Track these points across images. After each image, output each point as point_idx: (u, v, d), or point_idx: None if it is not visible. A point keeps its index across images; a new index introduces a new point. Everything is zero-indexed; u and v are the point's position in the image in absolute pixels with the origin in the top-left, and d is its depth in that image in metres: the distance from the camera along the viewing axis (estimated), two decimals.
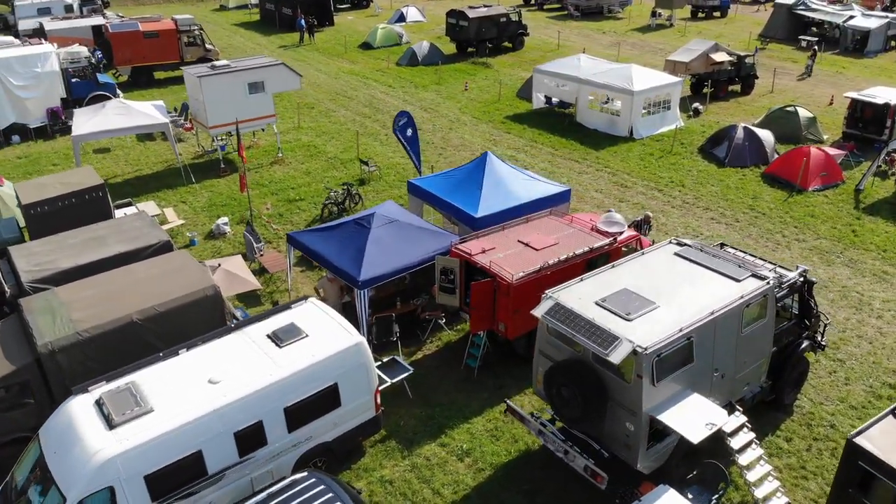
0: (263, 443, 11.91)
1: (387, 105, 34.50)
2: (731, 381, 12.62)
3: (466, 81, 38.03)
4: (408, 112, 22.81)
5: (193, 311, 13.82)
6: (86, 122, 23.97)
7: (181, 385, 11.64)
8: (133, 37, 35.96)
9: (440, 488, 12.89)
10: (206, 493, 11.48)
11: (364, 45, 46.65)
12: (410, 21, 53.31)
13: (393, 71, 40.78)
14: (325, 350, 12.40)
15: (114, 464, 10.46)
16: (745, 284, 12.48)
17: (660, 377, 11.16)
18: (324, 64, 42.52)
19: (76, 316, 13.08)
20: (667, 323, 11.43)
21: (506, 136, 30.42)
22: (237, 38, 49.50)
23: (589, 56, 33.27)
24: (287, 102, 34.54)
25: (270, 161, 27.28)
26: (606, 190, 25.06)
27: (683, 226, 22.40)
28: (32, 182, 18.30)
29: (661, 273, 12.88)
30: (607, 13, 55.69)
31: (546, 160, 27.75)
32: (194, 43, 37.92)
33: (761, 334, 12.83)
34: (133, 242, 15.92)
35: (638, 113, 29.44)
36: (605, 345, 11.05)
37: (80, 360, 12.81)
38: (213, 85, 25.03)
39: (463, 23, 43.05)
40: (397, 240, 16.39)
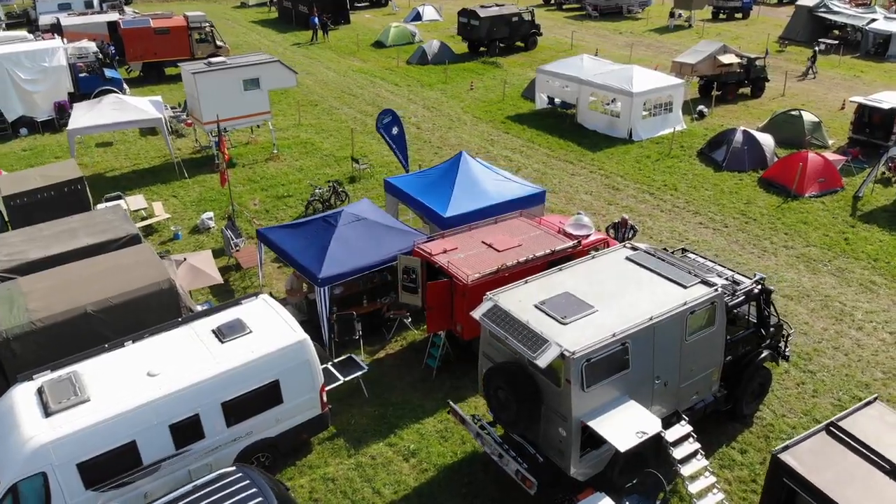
0: (201, 436, 12.03)
1: (390, 103, 34.55)
2: (675, 389, 12.40)
3: (472, 81, 37.93)
4: (392, 110, 22.85)
5: (148, 304, 14.02)
6: (82, 115, 24.48)
7: (121, 376, 11.82)
8: (144, 33, 36.59)
9: (381, 488, 12.89)
10: (142, 484, 11.64)
11: (377, 44, 46.82)
12: (426, 20, 53.35)
13: (402, 70, 40.86)
14: (266, 347, 12.48)
15: (46, 450, 10.67)
16: (691, 291, 12.24)
17: (591, 383, 11.01)
18: (334, 62, 42.78)
19: (32, 305, 13.37)
20: (602, 327, 11.27)
21: (504, 136, 30.29)
22: (253, 35, 50.06)
23: (592, 56, 32.94)
24: (291, 99, 34.84)
25: (266, 157, 27.54)
26: (597, 192, 24.79)
27: (669, 230, 22.06)
28: (15, 174, 18.78)
29: (607, 277, 12.71)
30: (626, 13, 55.07)
31: (541, 161, 27.56)
32: (205, 40, 38.45)
33: (710, 343, 12.58)
34: (102, 235, 16.21)
35: (638, 114, 29.06)
36: (534, 348, 10.95)
37: (34, 348, 13.08)
38: (207, 81, 25.34)
39: (474, 22, 42.94)
40: (362, 238, 16.43)
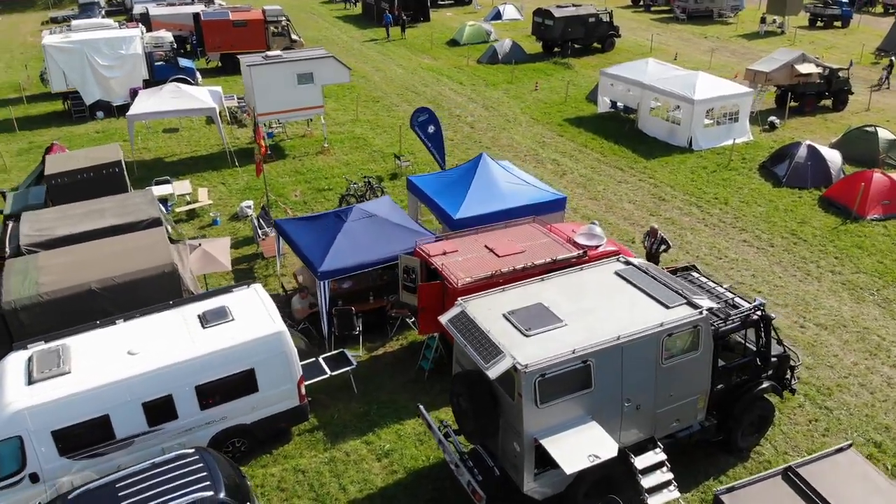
0: (174, 416, 12.44)
1: (450, 102, 34.60)
2: (651, 414, 11.80)
3: (537, 82, 37.38)
4: (428, 108, 22.86)
5: (150, 286, 14.60)
6: (143, 102, 25.80)
7: (104, 352, 12.39)
8: (223, 25, 38.12)
9: (348, 485, 12.94)
10: (115, 456, 12.16)
11: (451, 42, 46.90)
12: (506, 19, 52.99)
13: (470, 68, 40.77)
14: (243, 335, 12.77)
15: (22, 416, 11.32)
16: (672, 312, 11.61)
17: (546, 399, 10.63)
18: (405, 59, 43.18)
19: (43, 279, 14.21)
20: (564, 343, 10.86)
21: (557, 138, 29.71)
22: (334, 30, 51.24)
23: (658, 61, 31.73)
24: (355, 95, 35.44)
25: (316, 151, 28.14)
26: (641, 202, 23.92)
27: (709, 246, 21.00)
28: (62, 155, 20.00)
29: (589, 291, 12.24)
30: (717, 17, 52.72)
31: (589, 166, 26.85)
32: (280, 33, 39.65)
33: (693, 368, 11.88)
34: (127, 217, 17.01)
35: (699, 123, 27.81)
36: (488, 358, 10.68)
37: (41, 319, 13.88)
38: (262, 74, 26.14)
39: (549, 22, 42.29)
40: (369, 235, 16.51)
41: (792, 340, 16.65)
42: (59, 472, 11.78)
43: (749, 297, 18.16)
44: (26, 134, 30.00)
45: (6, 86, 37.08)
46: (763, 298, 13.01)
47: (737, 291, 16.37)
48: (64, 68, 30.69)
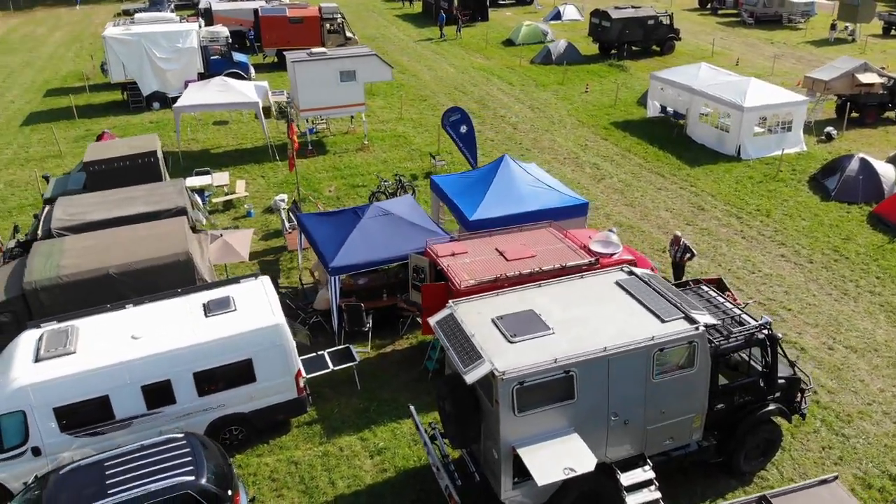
0: (172, 401, 12.79)
1: (496, 102, 34.42)
2: (640, 430, 11.44)
3: (588, 84, 36.78)
4: (461, 108, 22.79)
5: (165, 272, 15.05)
6: (190, 94, 26.62)
7: (110, 335, 12.84)
8: (279, 21, 38.91)
9: (337, 480, 13.04)
10: (114, 436, 12.58)
11: (507, 42, 46.63)
12: (566, 19, 52.35)
13: (522, 69, 40.44)
14: (242, 326, 13.02)
15: (26, 392, 11.85)
16: (667, 326, 11.22)
17: (524, 408, 10.44)
18: (458, 58, 43.16)
19: (64, 262, 14.83)
20: (548, 352, 10.64)
21: (601, 142, 29.17)
22: (392, 28, 51.67)
23: (710, 66, 30.73)
24: (403, 93, 35.66)
25: (356, 148, 28.43)
26: (678, 210, 23.23)
27: (743, 259, 20.23)
28: (104, 143, 20.81)
29: (585, 299, 11.96)
30: (786, 22, 50.68)
31: (630, 171, 26.26)
32: (335, 30, 40.20)
33: (687, 385, 11.46)
34: (155, 205, 17.58)
35: (748, 131, 26.82)
36: (468, 362, 10.57)
37: (60, 300, 14.51)
38: (306, 70, 26.58)
39: (605, 23, 41.55)
40: (384, 233, 16.59)
41: (817, 362, 15.89)
42: (61, 448, 12.27)
43: (777, 314, 17.46)
44: (85, 122, 31.39)
45: (72, 75, 38.90)
46: (772, 316, 12.42)
47: (746, 308, 15.84)
48: (123, 59, 31.96)
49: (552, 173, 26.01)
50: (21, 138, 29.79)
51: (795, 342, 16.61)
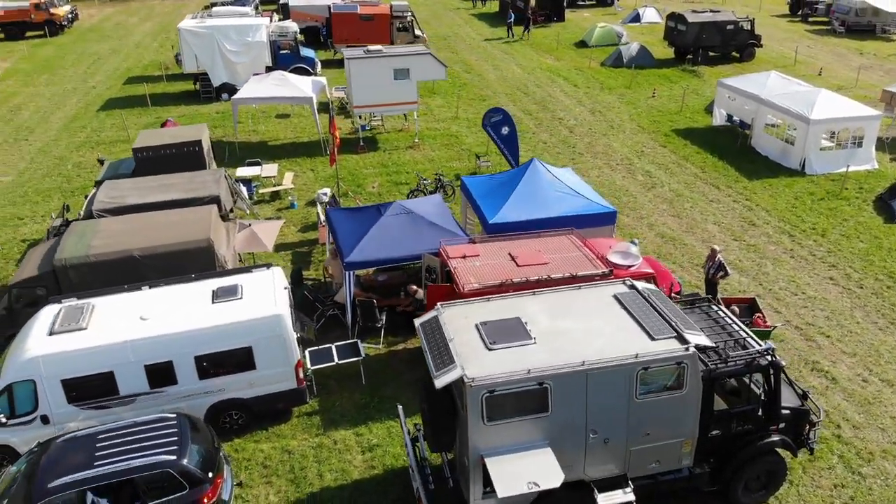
0: (174, 382, 13.26)
1: (557, 104, 33.89)
2: (622, 450, 11.03)
3: (655, 89, 35.69)
4: (503, 109, 22.55)
5: (186, 257, 15.63)
6: (249, 87, 27.48)
7: (121, 314, 13.45)
8: (350, 18, 39.58)
9: (326, 472, 13.19)
10: (118, 411, 13.17)
11: (580, 44, 45.82)
12: (645, 22, 50.93)
13: (591, 71, 39.65)
14: (244, 314, 13.35)
15: (36, 362, 12.56)
16: (656, 344, 10.76)
17: (494, 417, 10.25)
18: (527, 59, 42.72)
19: (94, 242, 15.62)
20: (523, 362, 10.41)
21: (659, 149, 28.25)
22: (465, 28, 51.67)
23: (781, 74, 29.21)
24: (463, 92, 35.64)
25: (407, 145, 28.62)
26: (727, 224, 22.24)
27: (787, 279, 19.16)
28: (153, 131, 21.78)
29: (577, 311, 11.62)
30: (880, 33, 47.51)
31: (683, 181, 25.33)
32: (405, 29, 40.55)
33: (675, 408, 10.95)
34: (191, 192, 18.27)
35: (814, 144, 25.38)
36: (440, 367, 10.47)
37: (88, 279, 15.30)
38: (360, 67, 26.96)
39: (681, 27, 40.17)
40: (402, 231, 16.64)
41: (846, 394, 14.89)
42: (68, 418, 12.95)
43: (813, 339, 16.51)
44: (157, 110, 32.91)
45: (153, 64, 40.83)
46: (807, 343, 11.75)
47: (774, 330, 15.12)
48: (196, 51, 33.31)
49: (601, 179, 25.53)
50: (95, 123, 31.55)
51: (827, 371, 15.62)
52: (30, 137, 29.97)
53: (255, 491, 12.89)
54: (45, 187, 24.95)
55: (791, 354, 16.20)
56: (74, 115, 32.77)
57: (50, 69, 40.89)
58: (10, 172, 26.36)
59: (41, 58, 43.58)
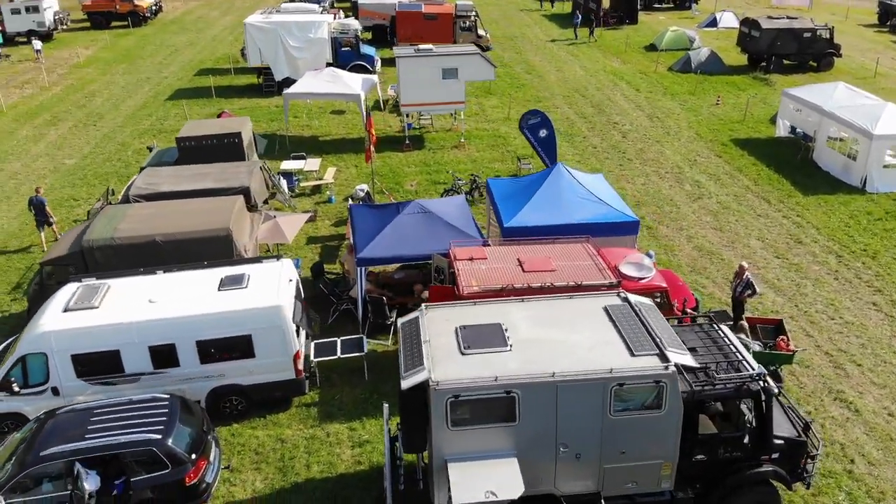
0: (176, 364, 13.73)
1: (614, 108, 33.15)
2: (595, 467, 10.71)
3: (720, 96, 34.38)
4: (541, 112, 22.19)
5: (205, 245, 16.13)
6: (302, 83, 28.11)
7: (132, 297, 14.02)
8: (414, 17, 39.86)
9: (314, 464, 13.38)
10: (124, 389, 13.73)
11: (650, 47, 44.63)
12: (722, 27, 49.08)
13: (656, 76, 38.58)
14: (245, 303, 13.69)
15: (48, 336, 13.26)
16: (635, 360, 10.40)
17: (459, 422, 10.15)
18: (592, 61, 41.95)
19: (121, 226, 16.34)
20: (494, 368, 10.25)
21: (713, 159, 27.23)
22: (534, 28, 51.18)
23: (849, 86, 27.58)
24: (519, 94, 35.35)
25: (452, 145, 28.62)
26: (771, 241, 21.22)
27: (826, 303, 18.12)
28: (198, 122, 22.56)
29: (562, 320, 11.35)
30: None
31: (733, 194, 24.32)
32: (468, 28, 40.55)
33: (653, 428, 10.55)
34: (222, 182, 18.83)
35: (877, 161, 23.89)
36: (409, 368, 10.45)
37: (113, 260, 16.01)
38: (409, 66, 27.13)
39: (755, 33, 38.52)
40: (417, 230, 16.66)
41: (868, 427, 13.98)
42: (76, 392, 13.59)
43: (842, 367, 15.60)
44: (220, 101, 34.10)
45: (224, 57, 42.28)
46: (836, 370, 11.22)
47: (797, 353, 14.39)
48: (260, 46, 34.33)
49: (647, 187, 24.84)
50: (161, 111, 32.99)
51: (851, 402, 14.69)
52: (98, 123, 31.63)
53: (244, 476, 13.20)
54: (104, 171, 26.28)
55: (815, 381, 15.33)
56: (143, 103, 34.37)
57: (128, 59, 43.04)
58: (75, 156, 27.91)
59: (122, 47, 45.93)
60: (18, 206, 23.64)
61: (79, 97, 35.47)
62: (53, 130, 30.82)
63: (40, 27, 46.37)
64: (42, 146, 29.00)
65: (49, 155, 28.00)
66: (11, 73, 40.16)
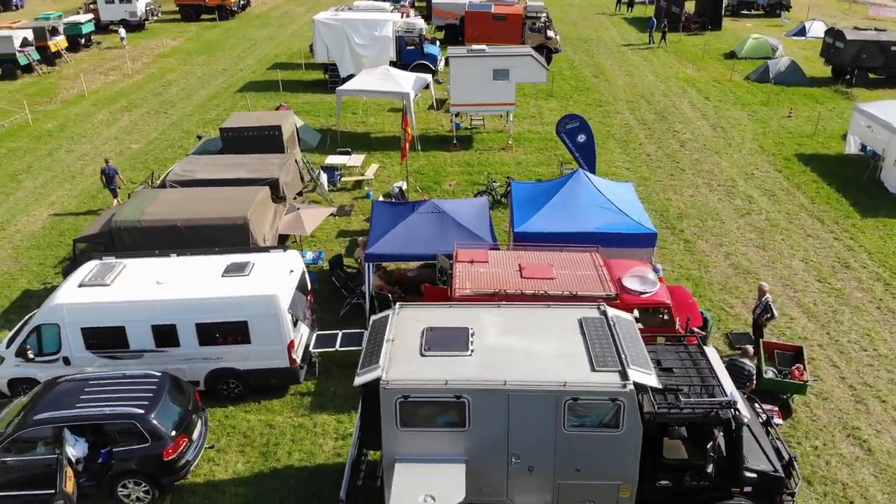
0: (176, 343, 14.31)
1: (678, 116, 32.07)
2: (549, 482, 10.46)
3: (792, 108, 32.64)
4: (580, 116, 21.74)
5: (222, 231, 16.74)
6: (356, 80, 28.63)
7: (142, 276, 14.71)
8: (483, 17, 39.80)
9: (294, 451, 13.66)
10: (129, 363, 14.43)
11: (730, 54, 42.88)
12: (810, 36, 46.56)
13: (730, 84, 37.05)
14: (242, 290, 14.12)
15: (61, 308, 14.09)
16: (593, 376, 10.09)
17: (407, 423, 10.16)
18: (666, 67, 40.70)
19: (148, 209, 17.17)
20: (448, 372, 10.19)
21: (771, 173, 25.93)
22: (612, 31, 50.10)
23: None
24: (584, 97, 34.74)
25: (500, 147, 28.45)
26: (815, 263, 20.03)
27: (862, 332, 16.96)
28: (242, 114, 23.36)
29: (533, 329, 11.14)
30: None
31: (785, 211, 23.09)
32: (537, 29, 40.16)
33: (611, 447, 10.20)
34: (254, 173, 19.47)
35: None
36: (365, 365, 10.53)
37: (138, 241, 16.86)
38: (461, 66, 27.16)
39: (839, 44, 36.36)
40: (427, 230, 16.69)
41: (879, 468, 13.02)
42: (85, 363, 14.39)
43: (864, 402, 14.61)
44: (286, 95, 35.19)
45: (298, 53, 43.52)
46: (856, 404, 10.67)
47: (809, 384, 13.67)
48: (327, 42, 35.19)
49: (694, 199, 23.95)
50: (229, 102, 34.36)
51: (866, 440, 13.71)
52: (169, 111, 33.29)
53: (228, 457, 13.64)
54: (165, 157, 27.63)
55: (830, 415, 14.39)
56: (214, 94, 35.90)
57: (209, 50, 45.04)
58: (141, 141, 29.48)
59: (205, 39, 48.12)
60: (80, 185, 25.23)
61: (156, 86, 37.44)
62: (127, 116, 32.68)
63: (132, 17, 49.28)
64: (113, 130, 30.81)
65: (118, 139, 29.70)
66: (100, 60, 42.86)
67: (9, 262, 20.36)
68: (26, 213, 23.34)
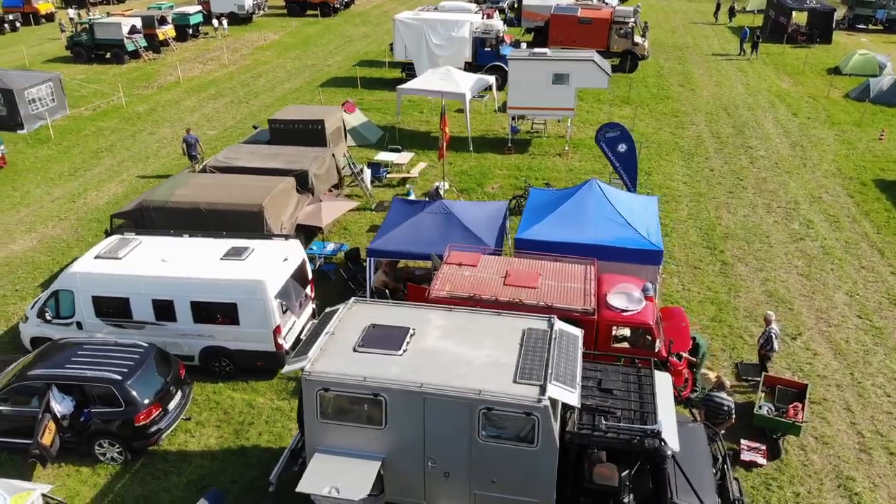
0: (174, 319, 15.19)
1: (756, 132, 30.36)
2: (464, 489, 10.35)
3: (884, 130, 30.05)
4: (621, 125, 21.02)
5: (240, 217, 17.60)
6: (419, 79, 29.04)
7: (151, 253, 15.70)
8: (568, 20, 39.19)
9: (265, 433, 14.16)
10: (132, 334, 15.46)
11: (834, 70, 39.98)
12: None
13: (826, 101, 34.60)
14: (234, 274, 14.79)
15: (75, 277, 15.30)
16: (512, 388, 9.89)
17: (328, 415, 10.38)
18: (759, 80, 38.51)
19: (178, 191, 18.28)
20: (370, 369, 10.30)
21: (842, 198, 24.10)
22: (711, 40, 47.87)
23: None
24: (661, 106, 33.54)
25: (556, 152, 27.99)
26: (860, 297, 18.48)
27: (891, 375, 15.52)
28: (292, 107, 24.27)
29: (474, 335, 11.06)
30: None
31: (843, 239, 21.42)
32: (624, 35, 39.08)
33: (527, 463, 9.97)
34: (287, 164, 20.26)
35: None
36: (297, 355, 10.81)
37: (165, 221, 18.01)
38: (520, 68, 26.96)
39: None
40: (432, 230, 16.79)
41: None
42: (96, 328, 15.54)
43: (871, 452, 13.42)
44: (362, 91, 36.17)
45: (385, 51, 44.48)
46: (865, 455, 10.27)
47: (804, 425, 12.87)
48: (406, 41, 35.86)
49: (746, 220, 22.71)
50: (308, 96, 35.72)
51: (859, 493, 12.60)
52: (251, 101, 35.05)
53: (205, 430, 14.35)
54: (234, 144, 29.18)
55: (826, 461, 13.30)
56: (297, 87, 37.43)
57: (305, 45, 46.93)
58: (217, 128, 31.25)
59: (304, 34, 50.14)
60: (153, 165, 27.11)
61: (246, 77, 39.48)
62: (212, 104, 34.71)
63: (240, 10, 52.10)
64: (196, 117, 32.83)
65: (197, 125, 31.62)
66: (203, 50, 45.67)
67: (69, 232, 22.24)
68: (98, 188, 25.37)
